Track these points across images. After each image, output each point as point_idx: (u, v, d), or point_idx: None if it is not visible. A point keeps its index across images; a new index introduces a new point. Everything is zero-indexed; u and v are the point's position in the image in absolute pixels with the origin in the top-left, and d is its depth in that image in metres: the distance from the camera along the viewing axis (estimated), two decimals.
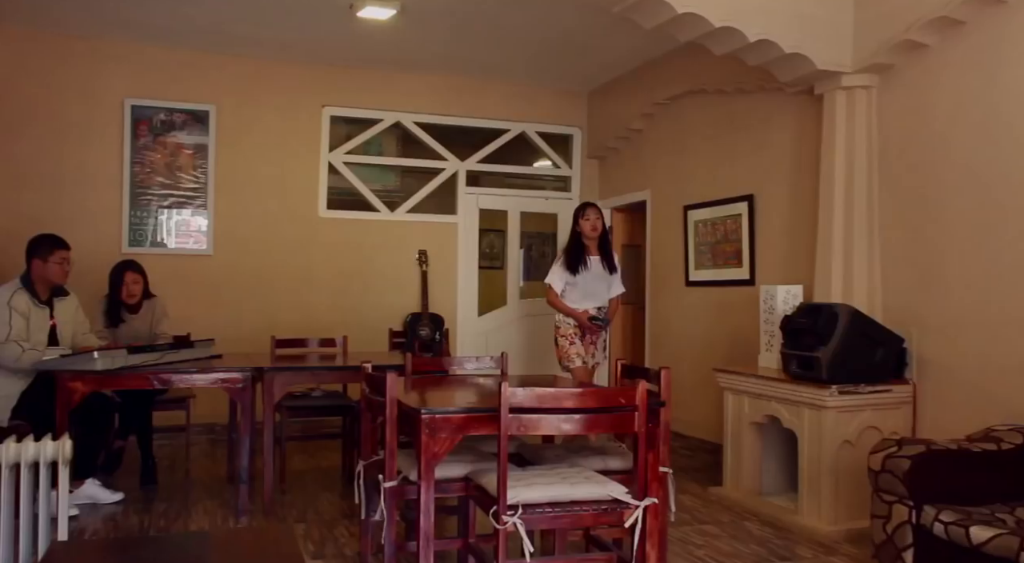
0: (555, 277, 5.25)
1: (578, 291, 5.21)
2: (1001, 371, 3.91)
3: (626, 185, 7.63)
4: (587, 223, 5.23)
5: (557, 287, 5.23)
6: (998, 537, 2.79)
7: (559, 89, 8.00)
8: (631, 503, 2.79)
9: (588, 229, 5.23)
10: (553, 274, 5.28)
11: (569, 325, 5.29)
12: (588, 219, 5.24)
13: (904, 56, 4.47)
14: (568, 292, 5.23)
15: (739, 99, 5.97)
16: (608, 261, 5.31)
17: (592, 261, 5.25)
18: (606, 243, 5.38)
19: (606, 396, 2.83)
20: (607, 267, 5.30)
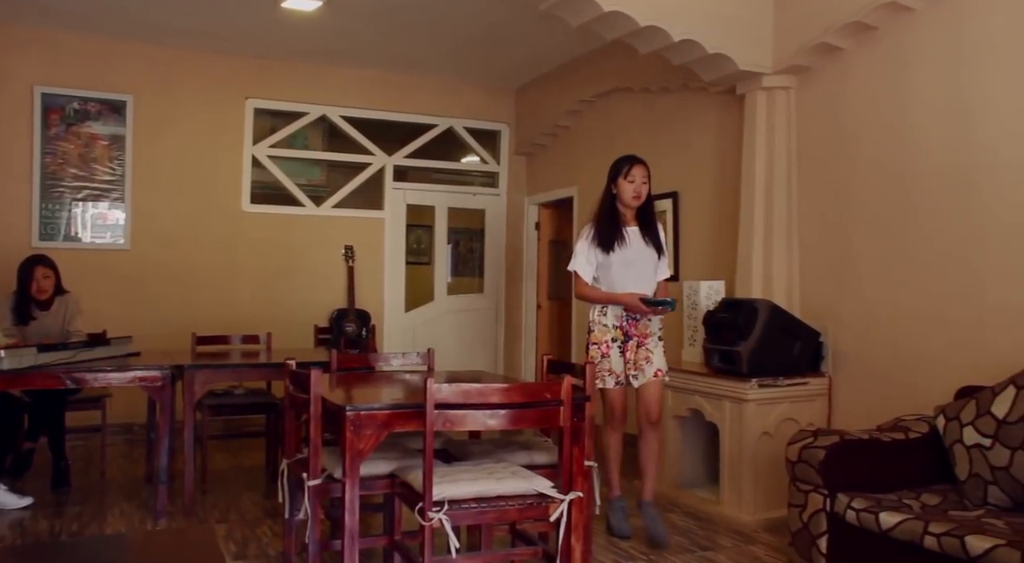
0: (580, 259, 4.05)
1: (614, 276, 4.01)
2: (910, 363, 4.07)
3: (553, 181, 7.68)
4: (630, 186, 3.97)
5: (585, 273, 4.03)
6: (904, 522, 2.90)
7: (487, 85, 8.00)
8: (556, 497, 2.81)
9: (630, 194, 3.98)
10: (578, 256, 4.06)
11: (606, 328, 4.03)
12: (633, 180, 3.96)
13: (821, 58, 4.61)
14: (604, 277, 4.05)
15: (664, 97, 6.06)
16: (652, 236, 4.09)
17: (631, 234, 4.04)
18: (649, 213, 4.11)
19: (531, 391, 2.84)
20: (651, 244, 4.08)
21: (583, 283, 4.05)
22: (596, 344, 4.03)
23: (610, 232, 4.00)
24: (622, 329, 4.03)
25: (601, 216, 4.06)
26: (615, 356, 4.02)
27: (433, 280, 8.11)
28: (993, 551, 2.59)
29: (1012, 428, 3.07)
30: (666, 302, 3.88)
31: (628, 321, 4.03)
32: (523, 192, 8.19)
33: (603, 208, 4.07)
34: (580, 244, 4.07)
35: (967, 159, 3.84)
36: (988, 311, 3.72)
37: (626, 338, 4.03)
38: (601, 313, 4.04)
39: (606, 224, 4.02)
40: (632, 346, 4.03)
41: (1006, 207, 3.66)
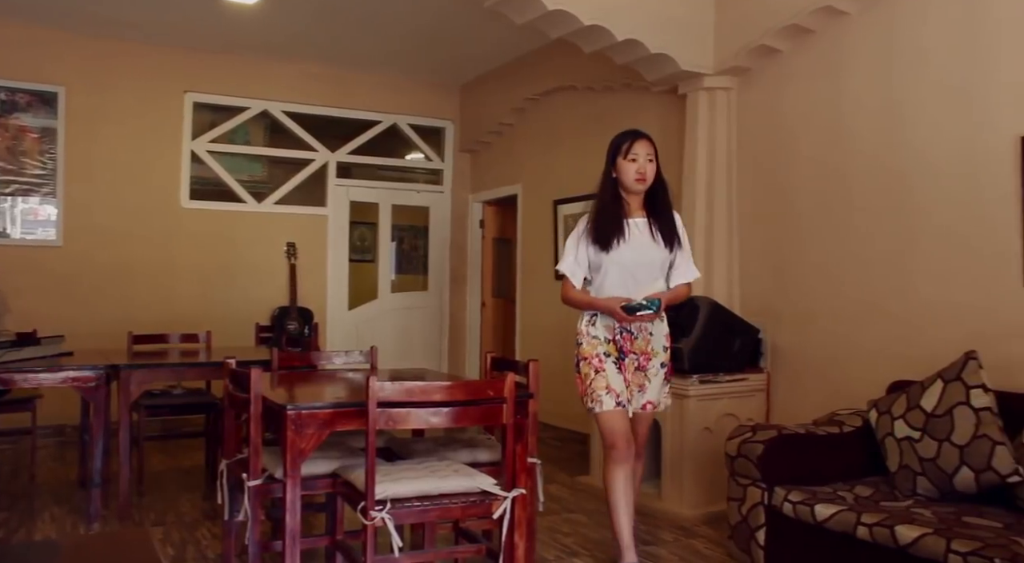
0: (569, 259, 3.37)
1: (612, 278, 3.32)
2: (845, 359, 4.17)
3: (498, 179, 7.68)
4: (631, 166, 3.26)
5: (575, 275, 3.37)
6: (839, 513, 2.98)
7: (431, 82, 7.97)
8: (499, 494, 2.81)
9: (632, 176, 3.26)
10: (566, 255, 3.39)
11: (596, 340, 3.35)
12: (635, 158, 3.26)
13: (760, 60, 4.69)
14: (597, 281, 3.36)
15: (607, 96, 6.11)
16: (664, 228, 3.34)
17: (635, 228, 3.33)
18: (661, 199, 3.36)
19: (474, 389, 2.84)
20: (662, 238, 3.33)
21: (570, 286, 3.35)
22: (586, 359, 3.32)
23: (608, 225, 3.25)
24: (615, 344, 3.33)
25: (599, 205, 3.31)
26: (612, 371, 3.30)
27: (377, 278, 8.05)
28: (921, 540, 2.68)
29: (939, 421, 3.17)
30: (644, 306, 3.17)
31: (621, 334, 3.32)
32: (468, 189, 8.17)
33: (602, 196, 3.32)
34: (570, 239, 3.38)
35: (900, 160, 3.95)
36: (919, 308, 3.84)
37: (621, 354, 3.33)
38: (589, 323, 3.35)
39: (604, 215, 3.27)
40: (629, 366, 3.34)
41: (937, 207, 3.78)
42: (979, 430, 3.05)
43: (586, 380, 3.34)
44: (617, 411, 3.30)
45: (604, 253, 3.28)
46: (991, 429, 3.04)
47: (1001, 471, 2.98)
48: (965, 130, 3.67)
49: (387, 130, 7.90)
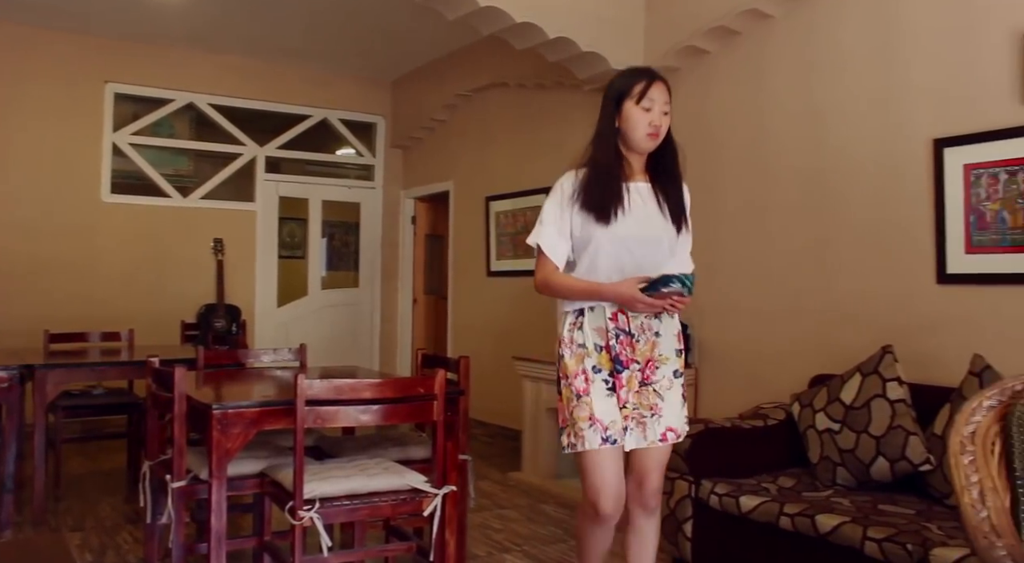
0: (549, 229, 2.52)
1: (604, 260, 2.47)
2: (769, 354, 4.28)
3: (430, 175, 7.65)
4: (644, 117, 2.45)
5: (555, 252, 2.51)
6: (762, 504, 3.06)
7: (363, 76, 7.89)
8: (430, 492, 2.81)
9: (642, 129, 2.46)
10: (544, 223, 2.54)
11: (583, 349, 2.49)
12: (650, 106, 2.45)
13: (689, 60, 4.78)
14: (583, 265, 2.51)
15: (540, 94, 6.14)
16: (671, 197, 2.55)
17: (637, 195, 2.52)
18: (670, 162, 2.57)
19: (405, 386, 2.83)
20: (668, 211, 2.53)
21: (550, 267, 2.48)
22: (567, 378, 2.46)
23: (605, 189, 2.42)
24: (609, 351, 2.44)
25: (594, 162, 2.47)
26: (599, 394, 2.42)
27: (307, 274, 7.94)
28: (839, 528, 2.77)
29: (857, 413, 3.28)
30: (677, 279, 2.29)
31: (618, 338, 2.44)
32: (399, 185, 8.12)
33: (598, 150, 2.48)
34: (550, 204, 2.51)
35: (821, 160, 4.07)
36: (839, 303, 3.96)
37: (617, 366, 2.44)
38: (574, 326, 2.49)
39: (600, 176, 2.43)
40: (629, 380, 2.45)
41: (855, 206, 3.90)
42: (894, 421, 3.17)
43: (567, 406, 2.45)
44: (605, 452, 2.39)
45: (598, 225, 2.41)
46: (905, 420, 3.16)
47: (914, 460, 3.10)
48: (882, 132, 3.79)
49: (317, 125, 7.79)
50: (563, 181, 2.56)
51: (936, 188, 3.55)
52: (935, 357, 3.48)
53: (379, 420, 2.77)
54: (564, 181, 2.56)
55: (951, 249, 3.50)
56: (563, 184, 2.55)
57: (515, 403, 5.48)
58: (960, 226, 3.46)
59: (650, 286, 2.34)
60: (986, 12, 3.40)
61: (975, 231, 3.41)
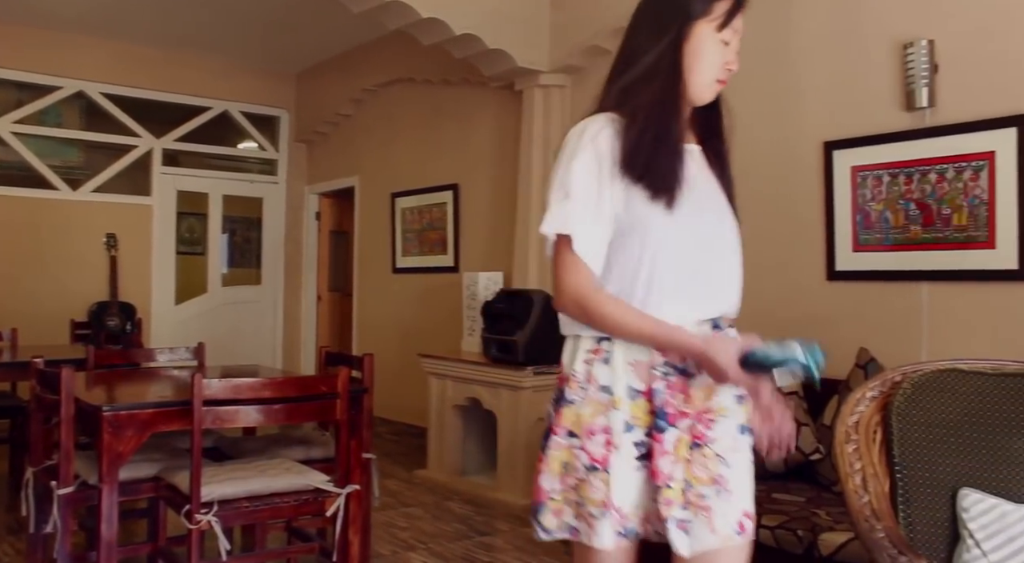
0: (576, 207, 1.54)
1: (666, 270, 1.56)
2: None
3: (334, 171, 7.54)
4: (720, 51, 1.65)
5: (588, 243, 1.54)
6: None
7: (266, 69, 7.70)
8: (333, 491, 2.77)
9: (717, 67, 1.65)
10: (573, 199, 1.54)
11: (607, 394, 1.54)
12: (730, 39, 1.67)
13: (593, 60, 4.84)
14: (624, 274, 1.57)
15: (446, 90, 6.12)
16: (724, 166, 1.74)
17: (694, 164, 1.64)
18: (720, 114, 1.76)
19: (307, 384, 2.78)
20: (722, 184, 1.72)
21: (586, 276, 1.55)
22: (574, 436, 1.57)
23: (666, 153, 1.57)
24: (651, 398, 1.55)
25: (648, 112, 1.57)
26: (624, 467, 1.53)
27: (207, 271, 7.70)
28: None
29: None
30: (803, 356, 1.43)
31: (669, 378, 1.56)
32: (303, 181, 7.97)
33: (654, 93, 1.58)
34: (580, 166, 1.56)
35: None
36: None
37: (659, 422, 1.54)
38: (595, 357, 1.58)
39: (660, 134, 1.57)
40: (677, 444, 1.55)
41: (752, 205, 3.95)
42: None
43: (565, 476, 1.57)
44: (620, 553, 1.57)
45: (654, 210, 1.54)
46: (797, 412, 3.29)
47: (805, 450, 3.23)
48: (776, 134, 3.93)
49: (218, 117, 7.57)
50: (591, 131, 1.55)
51: (826, 189, 3.70)
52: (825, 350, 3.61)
53: (281, 420, 2.72)
54: (593, 131, 1.55)
55: (840, 247, 3.66)
56: (595, 136, 1.54)
57: (421, 400, 5.46)
58: (848, 225, 3.62)
59: (754, 359, 1.42)
60: (871, 23, 3.57)
61: (861, 230, 3.58)
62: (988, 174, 3.18)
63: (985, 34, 3.24)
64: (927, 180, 3.37)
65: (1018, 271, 3.09)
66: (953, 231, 3.29)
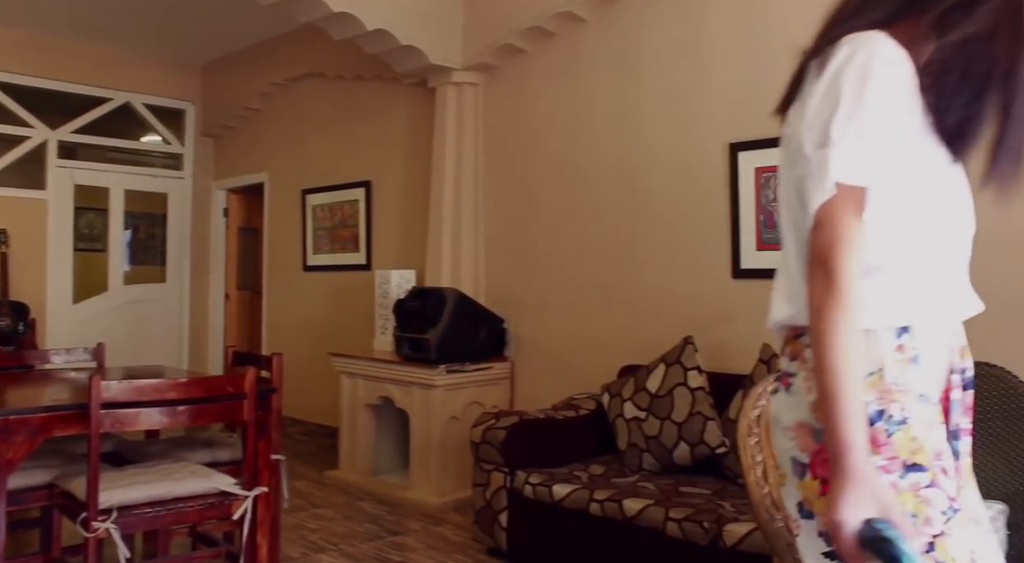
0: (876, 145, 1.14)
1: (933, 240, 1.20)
2: (581, 346, 4.43)
3: (243, 166, 7.35)
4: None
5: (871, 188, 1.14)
6: (574, 492, 3.17)
7: (170, 59, 7.45)
8: (240, 494, 2.71)
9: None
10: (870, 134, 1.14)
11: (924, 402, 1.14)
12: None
13: (506, 58, 4.86)
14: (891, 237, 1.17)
15: (358, 86, 6.04)
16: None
17: None
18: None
19: (212, 385, 2.71)
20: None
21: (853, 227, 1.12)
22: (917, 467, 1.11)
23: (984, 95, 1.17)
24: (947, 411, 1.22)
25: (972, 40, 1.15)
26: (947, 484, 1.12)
27: (108, 268, 7.40)
28: (644, 511, 2.92)
29: (662, 401, 3.47)
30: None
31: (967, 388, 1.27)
32: (211, 176, 7.74)
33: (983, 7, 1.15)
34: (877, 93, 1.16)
35: (631, 159, 4.26)
36: (645, 296, 4.16)
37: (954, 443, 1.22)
38: (904, 355, 1.15)
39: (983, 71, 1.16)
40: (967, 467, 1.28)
41: (662, 203, 4.12)
42: (694, 408, 3.38)
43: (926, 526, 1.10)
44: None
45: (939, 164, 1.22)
46: (704, 407, 3.37)
47: (711, 444, 3.31)
48: (685, 134, 4.02)
49: (119, 109, 7.28)
50: (879, 51, 1.19)
51: (731, 189, 3.81)
52: (731, 346, 3.73)
53: (185, 422, 2.64)
54: (882, 51, 1.19)
55: (744, 246, 3.77)
56: (890, 58, 1.19)
57: (333, 400, 5.38)
58: (752, 224, 3.74)
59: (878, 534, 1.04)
60: (774, 28, 3.69)
61: (764, 229, 3.69)
62: None
63: None
64: None
65: None
66: None
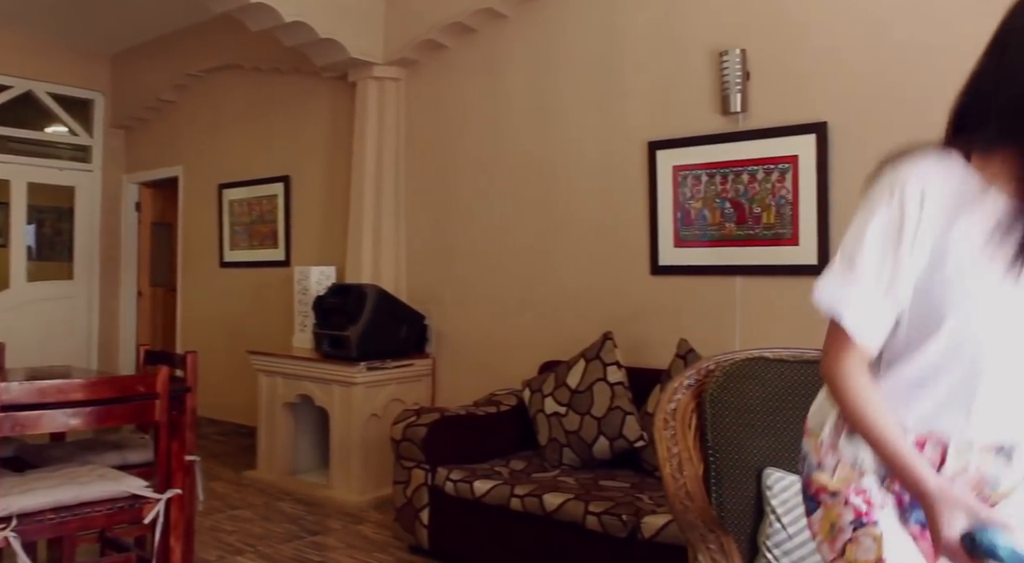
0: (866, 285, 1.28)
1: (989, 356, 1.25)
2: (503, 342, 4.45)
3: (156, 159, 7.13)
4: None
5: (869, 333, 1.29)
6: (495, 488, 3.18)
7: (77, 47, 7.16)
8: (152, 497, 2.63)
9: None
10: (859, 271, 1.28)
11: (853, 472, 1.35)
12: None
13: (428, 54, 4.83)
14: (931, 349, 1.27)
15: (276, 79, 5.92)
16: None
17: None
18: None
19: (122, 385, 2.62)
20: None
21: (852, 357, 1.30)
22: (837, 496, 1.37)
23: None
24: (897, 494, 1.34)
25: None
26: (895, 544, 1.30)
27: (10, 265, 7.08)
28: (564, 505, 2.95)
29: (581, 396, 3.51)
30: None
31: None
32: (121, 169, 7.48)
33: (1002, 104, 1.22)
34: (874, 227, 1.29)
35: (551, 157, 4.28)
36: (566, 293, 4.20)
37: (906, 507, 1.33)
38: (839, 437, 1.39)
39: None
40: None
41: (581, 201, 4.16)
42: (613, 402, 3.42)
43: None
44: None
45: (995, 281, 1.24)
46: (623, 401, 3.42)
47: (630, 437, 3.36)
48: (604, 132, 4.07)
49: (20, 97, 6.95)
50: (902, 174, 1.27)
51: (650, 187, 3.87)
52: (649, 342, 3.80)
53: (93, 423, 2.55)
54: (904, 176, 1.27)
55: (662, 243, 3.83)
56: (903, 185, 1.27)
57: (251, 399, 5.27)
58: (670, 222, 3.80)
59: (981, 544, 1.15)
60: (692, 31, 3.76)
61: (682, 227, 3.77)
62: (792, 176, 3.43)
63: (790, 47, 3.48)
64: (740, 180, 3.59)
65: (817, 266, 3.35)
66: (763, 229, 3.53)
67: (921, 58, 3.14)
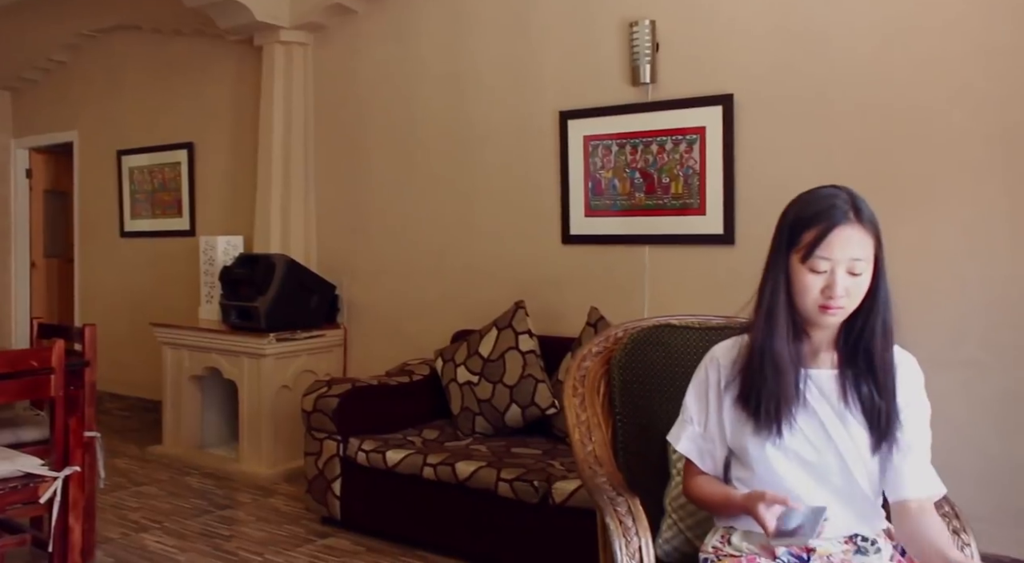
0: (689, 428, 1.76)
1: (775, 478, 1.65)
2: (415, 312, 4.43)
3: (48, 123, 6.77)
4: (813, 280, 1.58)
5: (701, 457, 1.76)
6: (407, 457, 3.19)
7: None
8: (48, 475, 2.54)
9: (811, 299, 1.59)
10: (687, 415, 1.78)
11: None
12: (823, 268, 1.57)
13: (336, 18, 4.72)
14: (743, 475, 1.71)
15: (177, 42, 5.69)
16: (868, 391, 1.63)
17: (817, 387, 1.65)
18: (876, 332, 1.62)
19: (13, 359, 2.51)
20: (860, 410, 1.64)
21: (693, 473, 1.76)
22: None
23: (772, 386, 1.63)
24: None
25: (757, 338, 1.65)
26: None
27: None
28: (476, 473, 2.98)
29: (494, 365, 3.53)
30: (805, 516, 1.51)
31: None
32: (9, 134, 7.08)
33: (763, 319, 1.65)
34: (694, 387, 1.78)
35: (463, 126, 4.25)
36: (479, 262, 4.20)
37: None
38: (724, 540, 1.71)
39: (766, 366, 1.64)
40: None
41: (494, 171, 4.15)
42: (525, 371, 3.46)
43: None
44: None
45: (756, 438, 1.64)
46: (535, 369, 3.46)
47: (541, 405, 3.41)
48: (516, 102, 4.06)
49: None
50: (712, 357, 1.75)
51: (561, 156, 3.89)
52: (560, 310, 3.84)
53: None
54: (713, 357, 1.74)
55: (573, 212, 3.87)
56: (708, 365, 1.74)
57: (155, 373, 5.11)
58: (581, 192, 3.84)
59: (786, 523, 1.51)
60: (601, 1, 3.77)
61: (593, 196, 3.81)
62: (700, 148, 3.50)
63: (698, 19, 3.53)
64: (649, 151, 3.64)
65: (723, 235, 3.44)
66: (671, 199, 3.59)
67: (822, 34, 3.23)
